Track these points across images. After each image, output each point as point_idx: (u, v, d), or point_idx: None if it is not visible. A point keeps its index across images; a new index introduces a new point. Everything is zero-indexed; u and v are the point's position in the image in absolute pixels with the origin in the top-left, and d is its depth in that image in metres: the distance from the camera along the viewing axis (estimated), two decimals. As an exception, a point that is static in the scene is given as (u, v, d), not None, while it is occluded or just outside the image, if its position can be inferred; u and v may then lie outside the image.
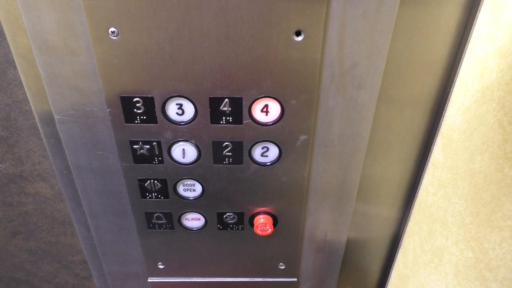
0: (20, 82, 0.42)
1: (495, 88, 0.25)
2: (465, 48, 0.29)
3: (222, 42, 0.28)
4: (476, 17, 0.27)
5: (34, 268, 0.62)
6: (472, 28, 0.28)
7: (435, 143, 0.33)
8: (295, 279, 0.45)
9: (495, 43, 0.25)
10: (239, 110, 0.31)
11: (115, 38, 0.28)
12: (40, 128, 0.33)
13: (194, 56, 0.29)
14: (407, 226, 0.40)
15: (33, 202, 0.54)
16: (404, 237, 0.41)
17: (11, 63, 0.41)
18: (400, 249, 0.42)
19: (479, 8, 0.27)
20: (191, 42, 0.28)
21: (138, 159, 0.34)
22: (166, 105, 0.31)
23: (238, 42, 0.28)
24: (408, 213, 0.39)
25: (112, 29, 0.27)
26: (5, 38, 0.39)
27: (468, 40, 0.28)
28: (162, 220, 0.39)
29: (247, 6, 0.26)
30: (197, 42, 0.28)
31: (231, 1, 0.26)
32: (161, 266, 0.43)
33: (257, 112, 0.32)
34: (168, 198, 0.37)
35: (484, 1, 0.26)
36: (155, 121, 0.32)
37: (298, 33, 0.28)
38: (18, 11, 0.28)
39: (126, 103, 0.31)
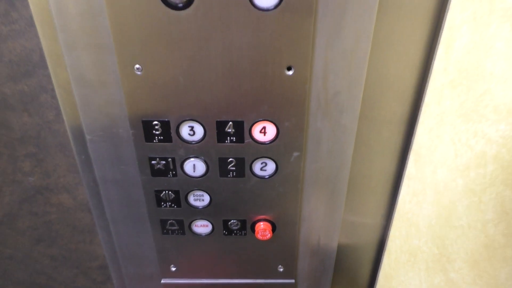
0: (51, 105, 0.49)
1: (449, 113, 0.31)
2: (428, 79, 0.34)
3: (227, 75, 0.34)
4: (434, 54, 0.33)
5: (54, 273, 0.67)
6: (432, 62, 0.34)
7: (409, 158, 0.39)
8: (293, 281, 0.50)
9: (448, 76, 0.31)
10: (241, 131, 0.37)
11: (139, 73, 0.34)
12: (73, 146, 0.39)
13: (204, 87, 0.35)
14: (390, 231, 0.45)
15: (57, 212, 0.60)
16: (388, 241, 0.46)
17: (43, 89, 0.47)
18: (385, 252, 0.47)
19: (437, 47, 0.33)
20: (201, 76, 0.34)
21: (155, 173, 0.40)
22: (180, 127, 0.37)
23: (240, 76, 0.34)
24: (390, 220, 0.45)
25: (137, 65, 0.34)
26: (40, 68, 0.46)
27: (430, 72, 0.34)
28: (174, 226, 0.44)
29: (247, 46, 0.33)
30: (206, 76, 0.34)
31: (234, 42, 0.33)
32: (173, 269, 0.48)
33: (256, 133, 0.37)
34: (180, 207, 0.43)
35: (440, 42, 0.32)
36: (170, 141, 0.38)
37: (289, 68, 0.34)
38: (61, 50, 0.34)
39: (147, 125, 0.37)
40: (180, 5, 0.31)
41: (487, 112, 0.26)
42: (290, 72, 0.34)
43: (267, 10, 0.31)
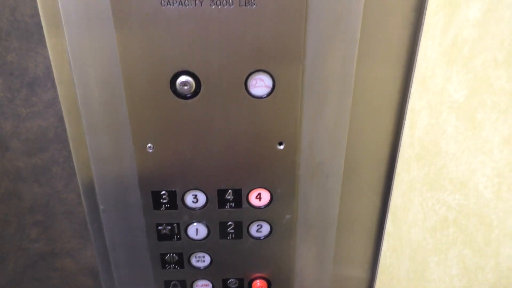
0: (61, 176, 0.53)
1: (416, 181, 0.37)
2: (398, 151, 0.41)
3: (227, 151, 0.39)
4: (402, 131, 0.40)
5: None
6: (400, 138, 0.40)
7: (387, 218, 0.44)
8: (288, 336, 0.53)
9: (414, 150, 0.37)
10: (239, 198, 0.42)
11: (151, 150, 0.39)
12: (87, 216, 0.43)
13: (207, 161, 0.40)
14: (375, 283, 0.49)
15: (60, 276, 0.62)
16: (374, 294, 0.50)
17: (56, 162, 0.52)
18: (372, 304, 0.51)
19: (403, 125, 0.39)
20: (204, 152, 0.39)
21: (161, 237, 0.44)
22: (185, 196, 0.42)
23: (238, 151, 0.40)
24: (375, 274, 0.49)
25: (149, 144, 0.39)
26: (54, 143, 0.50)
27: (399, 145, 0.40)
28: (177, 287, 0.47)
29: (244, 127, 0.38)
30: (209, 152, 0.39)
31: (233, 124, 0.38)
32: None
33: (253, 198, 0.42)
34: (183, 268, 0.46)
35: (406, 121, 0.39)
36: (176, 208, 0.42)
37: (280, 143, 0.40)
38: (83, 132, 0.39)
39: (155, 195, 0.41)
40: (188, 95, 0.37)
41: (446, 183, 0.31)
42: (281, 147, 0.40)
43: (261, 97, 0.37)
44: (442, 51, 0.31)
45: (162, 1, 0.33)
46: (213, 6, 0.33)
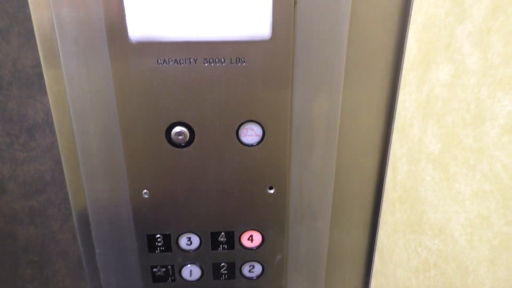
0: (57, 217, 0.54)
1: (400, 223, 0.39)
2: (382, 193, 0.43)
3: (219, 195, 0.41)
4: (385, 174, 0.42)
5: None
6: (384, 181, 0.42)
7: (374, 257, 0.46)
8: None
9: (397, 193, 0.39)
10: (232, 240, 0.44)
11: (147, 196, 0.41)
12: (83, 260, 0.44)
13: (200, 204, 0.42)
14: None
15: (53, 316, 0.62)
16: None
17: (52, 203, 0.53)
18: None
19: (386, 168, 0.42)
20: (198, 197, 0.41)
21: (156, 279, 0.45)
22: (179, 239, 0.43)
23: (230, 195, 0.41)
24: (365, 310, 0.50)
25: (145, 190, 0.41)
26: (51, 186, 0.52)
27: (383, 187, 0.43)
28: (171, 327, 0.48)
29: (236, 172, 0.40)
30: (202, 196, 0.41)
31: (225, 170, 0.40)
32: None
33: (245, 240, 0.44)
34: (177, 309, 0.47)
35: (388, 166, 0.41)
36: (170, 250, 0.44)
37: (271, 188, 0.42)
38: (81, 180, 0.41)
39: (151, 239, 0.43)
40: (183, 144, 0.39)
41: (426, 228, 0.33)
42: (272, 191, 0.42)
43: (251, 145, 0.39)
44: (418, 105, 0.34)
45: (159, 60, 0.35)
46: (206, 64, 0.36)
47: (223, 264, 0.45)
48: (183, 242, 0.44)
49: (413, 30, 0.34)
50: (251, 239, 0.44)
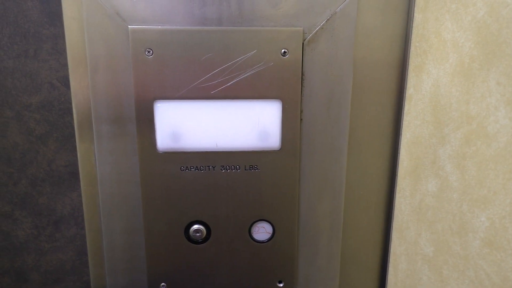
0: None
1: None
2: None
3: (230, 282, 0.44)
4: (386, 273, 0.45)
5: None
6: (386, 280, 0.45)
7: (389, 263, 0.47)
8: None
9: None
10: None
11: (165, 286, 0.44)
12: None
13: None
14: None
15: None
16: None
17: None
18: None
19: (388, 267, 0.45)
20: (212, 277, 0.44)
21: None
22: (192, 331, 0.45)
23: (239, 285, 0.44)
24: None
25: (163, 284, 0.43)
26: (70, 275, 0.54)
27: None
28: None
29: (247, 265, 0.43)
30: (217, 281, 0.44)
31: (237, 265, 0.43)
32: None
33: (255, 333, 0.46)
34: None
35: (389, 263, 0.44)
36: None
37: (280, 281, 0.44)
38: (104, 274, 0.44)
39: None
40: (200, 240, 0.42)
41: (426, 326, 0.36)
42: (281, 285, 0.44)
43: (262, 242, 0.43)
44: (412, 209, 0.38)
45: (182, 167, 0.40)
46: (223, 170, 0.41)
47: None
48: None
49: (405, 143, 0.39)
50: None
